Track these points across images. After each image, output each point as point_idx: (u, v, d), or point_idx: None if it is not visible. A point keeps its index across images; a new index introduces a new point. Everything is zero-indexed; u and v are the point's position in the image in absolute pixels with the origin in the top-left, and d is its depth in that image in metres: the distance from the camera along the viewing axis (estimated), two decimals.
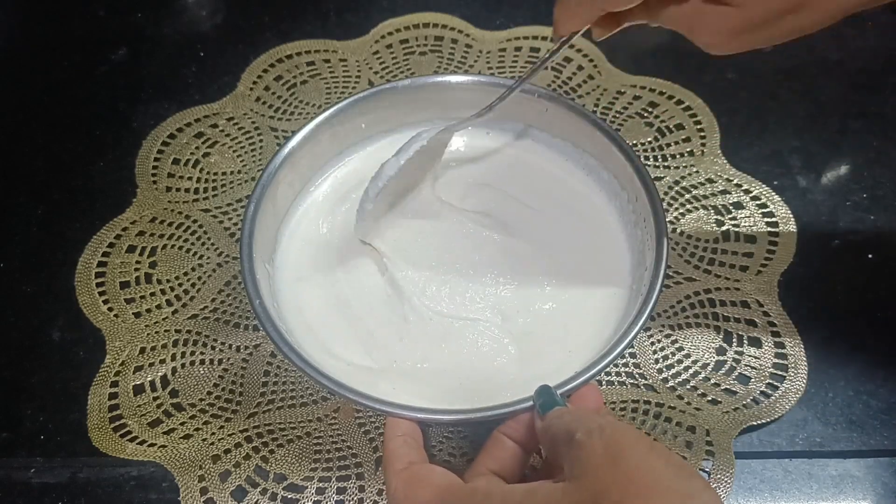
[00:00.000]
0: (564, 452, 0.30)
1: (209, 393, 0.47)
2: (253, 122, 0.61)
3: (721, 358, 0.48)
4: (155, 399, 0.47)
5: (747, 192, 0.56)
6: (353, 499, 0.43)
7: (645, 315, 0.41)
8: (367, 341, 0.46)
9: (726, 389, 0.47)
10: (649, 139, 0.59)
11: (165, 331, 0.50)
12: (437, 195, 0.52)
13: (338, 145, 0.53)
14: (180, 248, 0.54)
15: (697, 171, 0.57)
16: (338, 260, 0.49)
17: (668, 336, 0.49)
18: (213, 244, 0.54)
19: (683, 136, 0.59)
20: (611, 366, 0.47)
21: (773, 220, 0.54)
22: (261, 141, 0.60)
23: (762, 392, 0.46)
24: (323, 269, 0.49)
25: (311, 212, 0.52)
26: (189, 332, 0.50)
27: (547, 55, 0.44)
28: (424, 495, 0.34)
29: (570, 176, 0.53)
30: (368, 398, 0.39)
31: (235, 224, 0.55)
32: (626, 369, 0.48)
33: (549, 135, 0.53)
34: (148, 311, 0.51)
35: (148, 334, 0.49)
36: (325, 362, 0.43)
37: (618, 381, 0.47)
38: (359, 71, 0.64)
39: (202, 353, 0.49)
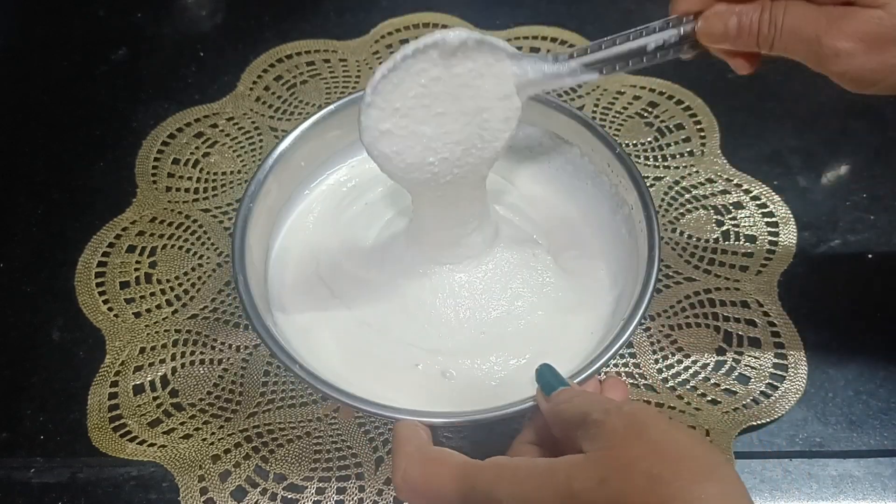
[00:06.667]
0: (580, 434, 0.31)
1: (209, 393, 0.47)
2: (253, 122, 0.61)
3: (721, 358, 0.48)
4: (155, 399, 0.47)
5: (747, 192, 0.56)
6: (353, 499, 0.43)
7: (637, 317, 0.41)
8: (364, 342, 0.46)
9: (726, 389, 0.47)
10: (649, 139, 0.59)
11: (165, 331, 0.50)
12: None
13: (338, 144, 0.52)
14: (180, 248, 0.54)
15: (697, 171, 0.57)
16: (336, 260, 0.49)
17: (667, 336, 0.49)
18: (213, 244, 0.54)
19: (683, 136, 0.59)
20: (610, 365, 0.47)
21: (773, 220, 0.54)
22: (261, 141, 0.60)
23: (762, 392, 0.46)
24: (322, 269, 0.49)
25: (307, 211, 0.52)
26: (189, 332, 0.50)
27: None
28: (444, 473, 0.32)
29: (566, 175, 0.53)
30: (365, 402, 0.39)
31: None
32: (626, 369, 0.48)
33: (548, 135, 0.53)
34: (148, 311, 0.51)
35: (148, 334, 0.49)
36: (323, 362, 0.43)
37: None
38: (359, 71, 0.64)
39: (202, 353, 0.49)
